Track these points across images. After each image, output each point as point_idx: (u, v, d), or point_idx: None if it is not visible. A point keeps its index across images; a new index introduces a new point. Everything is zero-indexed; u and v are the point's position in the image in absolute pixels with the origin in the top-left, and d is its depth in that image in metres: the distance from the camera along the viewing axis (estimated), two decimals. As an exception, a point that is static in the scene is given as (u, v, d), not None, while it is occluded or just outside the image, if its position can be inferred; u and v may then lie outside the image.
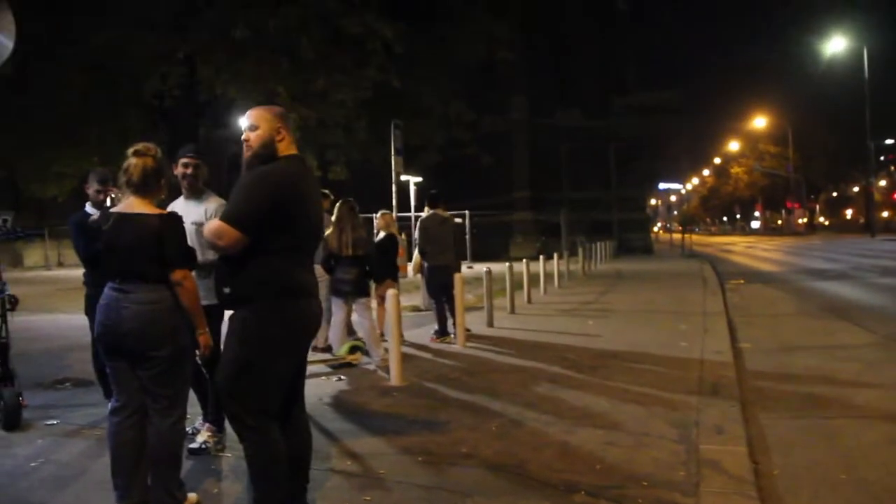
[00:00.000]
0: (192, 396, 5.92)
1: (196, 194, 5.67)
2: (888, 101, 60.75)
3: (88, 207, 6.44)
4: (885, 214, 73.68)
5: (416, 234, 11.74)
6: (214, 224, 3.98)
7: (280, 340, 3.99)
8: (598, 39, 53.07)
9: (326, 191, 10.44)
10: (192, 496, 4.54)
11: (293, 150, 4.19)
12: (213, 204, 5.62)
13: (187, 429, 5.85)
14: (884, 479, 5.11)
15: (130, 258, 4.29)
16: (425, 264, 11.25)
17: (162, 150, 4.57)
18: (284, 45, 21.15)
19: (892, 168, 77.33)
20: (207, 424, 5.67)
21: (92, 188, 6.45)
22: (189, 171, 5.62)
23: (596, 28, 53.02)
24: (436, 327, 11.22)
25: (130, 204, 4.38)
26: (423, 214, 11.51)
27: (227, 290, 4.05)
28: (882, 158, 71.74)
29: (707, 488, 4.69)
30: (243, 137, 4.15)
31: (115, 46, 21.34)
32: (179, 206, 5.71)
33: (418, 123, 27.22)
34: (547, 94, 51.63)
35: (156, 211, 4.39)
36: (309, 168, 4.54)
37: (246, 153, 4.14)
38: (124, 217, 4.36)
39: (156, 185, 4.41)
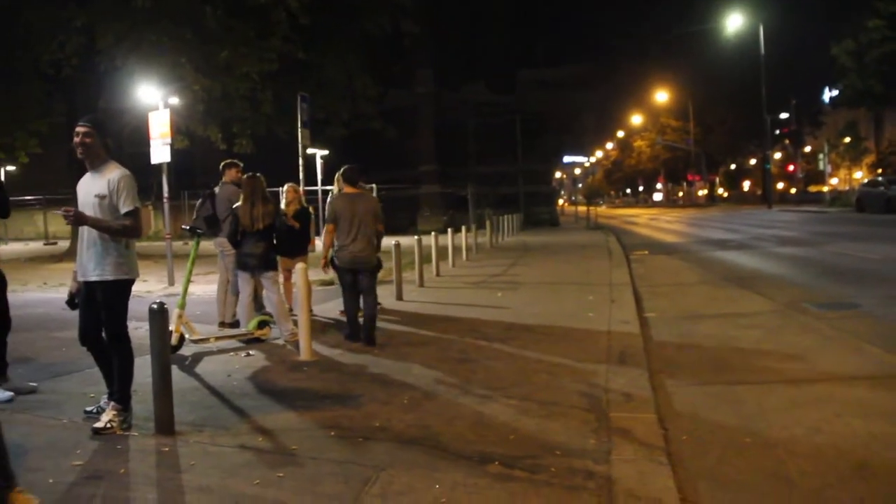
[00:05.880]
0: (97, 375, 5.79)
1: (95, 165, 5.45)
2: (782, 76, 62.97)
3: None
4: (780, 186, 76.24)
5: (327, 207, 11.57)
6: None
7: None
8: (505, 12, 53.33)
9: (235, 160, 10.36)
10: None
11: None
12: (116, 174, 5.40)
13: (91, 408, 5.70)
14: (785, 441, 5.27)
15: None
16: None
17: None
18: (187, 16, 20.43)
19: (787, 141, 79.93)
20: (112, 403, 5.47)
21: None
22: (78, 139, 5.39)
23: (504, 0, 53.27)
24: None
25: None
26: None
27: None
28: (777, 132, 74.07)
29: (618, 456, 4.75)
30: None
31: (8, 11, 20.33)
32: (86, 180, 5.56)
33: (324, 96, 26.84)
34: (454, 67, 51.80)
35: None
36: None
37: None
38: None
39: None
